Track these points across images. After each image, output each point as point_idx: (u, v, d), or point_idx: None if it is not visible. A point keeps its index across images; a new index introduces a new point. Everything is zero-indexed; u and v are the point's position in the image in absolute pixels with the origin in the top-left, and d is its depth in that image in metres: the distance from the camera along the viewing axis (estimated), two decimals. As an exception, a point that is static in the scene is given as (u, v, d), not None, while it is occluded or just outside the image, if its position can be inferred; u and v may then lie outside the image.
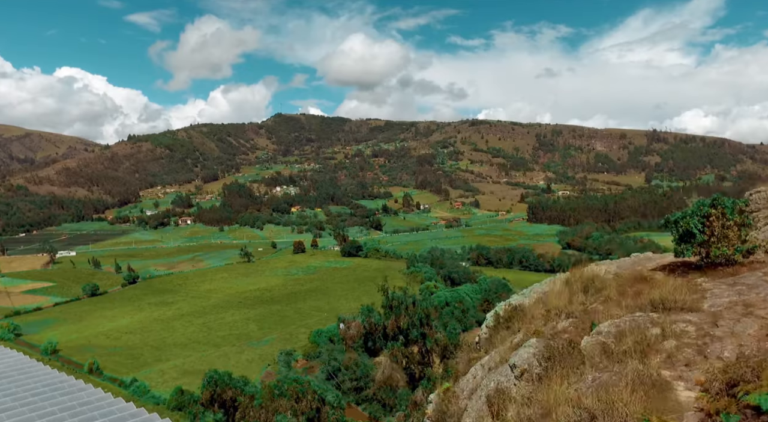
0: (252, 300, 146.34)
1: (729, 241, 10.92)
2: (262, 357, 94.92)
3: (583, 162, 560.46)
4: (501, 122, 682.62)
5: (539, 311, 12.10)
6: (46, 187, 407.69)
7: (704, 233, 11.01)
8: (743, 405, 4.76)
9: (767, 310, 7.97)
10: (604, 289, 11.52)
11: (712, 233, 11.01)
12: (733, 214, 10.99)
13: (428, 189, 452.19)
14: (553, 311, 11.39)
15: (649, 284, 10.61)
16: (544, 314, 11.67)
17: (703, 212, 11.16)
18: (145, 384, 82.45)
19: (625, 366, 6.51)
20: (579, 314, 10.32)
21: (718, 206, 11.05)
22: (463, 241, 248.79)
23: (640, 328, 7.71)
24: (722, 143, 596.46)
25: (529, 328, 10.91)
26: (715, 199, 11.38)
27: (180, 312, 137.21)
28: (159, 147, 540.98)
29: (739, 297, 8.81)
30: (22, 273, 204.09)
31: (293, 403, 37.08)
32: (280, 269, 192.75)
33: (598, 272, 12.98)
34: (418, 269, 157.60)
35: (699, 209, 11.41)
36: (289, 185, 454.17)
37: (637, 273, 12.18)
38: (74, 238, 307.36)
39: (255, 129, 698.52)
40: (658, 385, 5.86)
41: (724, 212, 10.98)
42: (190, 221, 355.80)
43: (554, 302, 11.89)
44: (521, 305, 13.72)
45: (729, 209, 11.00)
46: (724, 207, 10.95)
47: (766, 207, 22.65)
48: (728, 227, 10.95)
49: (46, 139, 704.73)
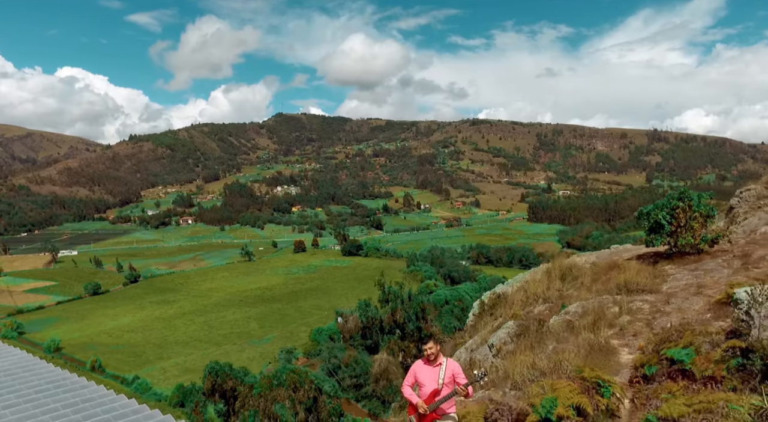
0: (253, 299, 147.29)
1: (694, 231, 11.69)
2: (263, 355, 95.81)
3: (584, 162, 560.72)
4: (502, 122, 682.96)
5: (520, 298, 12.93)
6: (48, 187, 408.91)
7: (672, 224, 11.80)
8: (662, 358, 5.68)
9: (715, 290, 8.78)
10: (580, 277, 12.35)
11: (678, 224, 11.79)
12: (699, 207, 11.77)
13: (429, 189, 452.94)
14: (532, 297, 12.22)
15: (620, 272, 11.40)
16: (524, 300, 12.49)
17: (672, 205, 11.95)
18: (147, 382, 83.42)
19: (579, 337, 7.35)
20: (554, 299, 11.13)
21: (685, 200, 11.84)
22: (464, 240, 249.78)
23: (602, 308, 8.52)
24: (723, 143, 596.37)
25: (508, 313, 11.72)
26: (682, 193, 12.16)
27: (181, 311, 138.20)
28: (160, 147, 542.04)
29: (695, 280, 9.61)
30: (24, 272, 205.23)
31: (291, 392, 37.98)
32: (281, 269, 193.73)
33: (577, 263, 13.83)
34: (418, 268, 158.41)
35: (668, 202, 12.19)
36: (290, 184, 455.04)
37: (611, 262, 12.99)
38: (76, 237, 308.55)
39: (256, 129, 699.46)
40: (605, 350, 6.75)
41: (690, 205, 11.75)
42: (191, 220, 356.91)
43: (533, 290, 12.71)
44: (505, 293, 14.55)
45: (695, 202, 11.79)
46: (690, 200, 11.74)
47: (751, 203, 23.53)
48: (693, 219, 11.72)
49: (47, 139, 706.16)
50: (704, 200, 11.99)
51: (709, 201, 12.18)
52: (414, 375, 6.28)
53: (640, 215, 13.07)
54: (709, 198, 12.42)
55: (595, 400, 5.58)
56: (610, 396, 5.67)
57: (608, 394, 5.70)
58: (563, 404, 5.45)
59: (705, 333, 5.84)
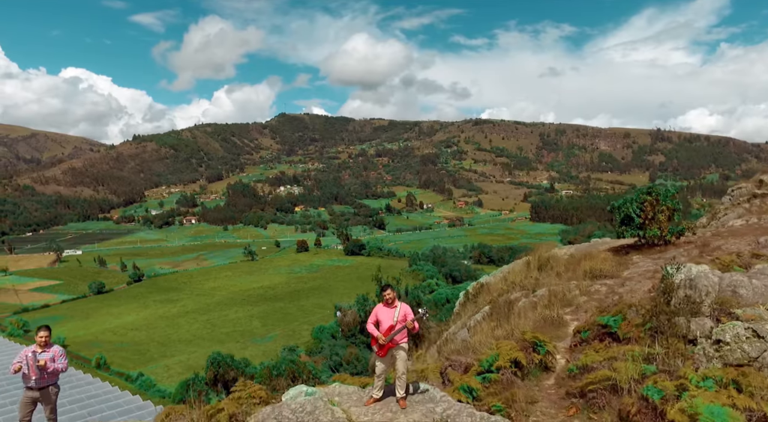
0: (255, 298, 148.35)
1: (660, 223, 12.50)
2: (265, 353, 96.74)
3: (587, 161, 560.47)
4: (504, 122, 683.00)
5: (501, 287, 13.86)
6: (53, 187, 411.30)
7: (640, 217, 12.60)
8: (596, 325, 6.61)
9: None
10: (556, 266, 13.25)
11: (646, 217, 12.60)
12: (666, 201, 12.58)
13: (431, 188, 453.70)
14: (511, 285, 13.13)
15: (590, 261, 12.27)
16: (504, 288, 13.41)
17: (641, 199, 12.75)
18: (151, 379, 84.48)
19: (537, 313, 8.26)
20: (531, 286, 12.02)
21: (653, 194, 12.64)
22: (466, 240, 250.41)
23: (563, 291, 9.42)
24: (727, 142, 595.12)
25: (487, 299, 12.61)
26: (650, 187, 12.97)
27: (185, 310, 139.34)
28: (164, 147, 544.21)
29: (654, 266, 10.46)
30: (29, 271, 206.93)
31: (290, 382, 39.05)
32: (284, 268, 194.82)
33: (556, 254, 14.75)
34: (420, 268, 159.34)
35: (638, 196, 13.00)
36: (293, 184, 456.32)
37: (586, 253, 13.86)
38: (80, 237, 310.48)
39: (259, 129, 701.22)
40: (558, 323, 7.73)
41: (658, 199, 12.56)
42: (194, 220, 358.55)
43: (512, 279, 13.61)
44: (488, 283, 15.47)
45: (662, 196, 12.60)
46: (658, 195, 12.55)
47: (734, 200, 24.37)
48: (661, 212, 12.52)
49: (51, 139, 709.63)
50: (671, 195, 12.81)
51: (676, 195, 13.01)
52: (375, 315, 7.71)
53: (612, 209, 13.88)
54: (675, 193, 13.23)
55: (531, 356, 6.71)
56: (545, 353, 6.74)
57: (543, 351, 6.79)
58: (503, 358, 6.59)
59: (635, 304, 6.73)
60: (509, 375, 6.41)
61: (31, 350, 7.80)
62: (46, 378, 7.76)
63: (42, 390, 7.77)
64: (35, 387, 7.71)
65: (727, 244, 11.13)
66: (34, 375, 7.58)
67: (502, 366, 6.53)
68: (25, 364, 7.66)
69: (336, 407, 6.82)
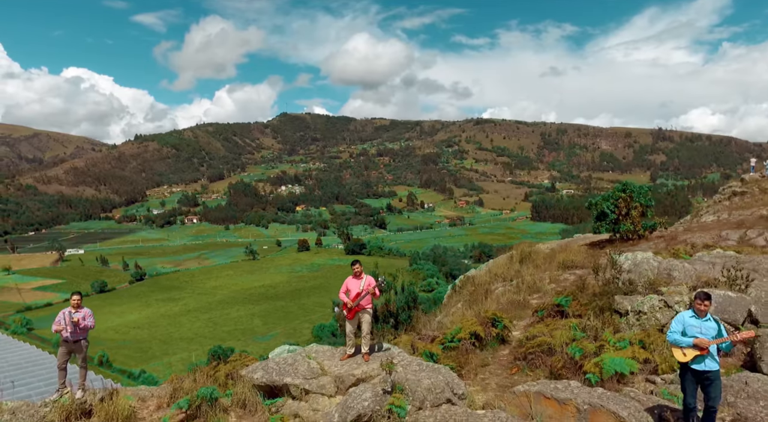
0: (257, 297, 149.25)
1: (632, 219, 13.26)
2: (266, 351, 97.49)
3: (588, 161, 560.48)
4: (506, 121, 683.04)
5: (485, 278, 14.74)
6: (55, 186, 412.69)
7: (615, 213, 13.36)
8: (551, 304, 7.46)
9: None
10: (536, 259, 14.10)
11: (620, 213, 13.36)
12: (639, 198, 13.35)
13: (432, 188, 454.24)
14: (494, 277, 14.01)
15: (565, 254, 13.09)
16: (488, 280, 14.30)
17: (615, 196, 13.53)
18: (153, 376, 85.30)
19: (505, 298, 9.10)
20: (509, 277, 12.89)
21: (627, 191, 13.41)
22: (466, 239, 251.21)
23: (536, 280, 10.27)
24: (728, 142, 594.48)
25: (471, 290, 13.48)
26: (624, 185, 13.73)
27: (186, 308, 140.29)
28: (165, 147, 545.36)
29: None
30: (32, 270, 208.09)
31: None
32: (285, 267, 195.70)
33: (539, 248, 15.64)
34: (421, 267, 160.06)
35: (613, 194, 13.78)
36: (294, 184, 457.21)
37: (564, 247, 14.69)
38: (82, 236, 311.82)
39: (260, 128, 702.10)
40: (523, 305, 8.58)
41: (631, 196, 13.33)
42: (196, 219, 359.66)
43: (495, 271, 14.47)
44: (474, 275, 16.34)
45: (635, 194, 13.37)
46: (632, 192, 13.32)
47: (717, 198, 25.14)
48: (634, 208, 13.29)
49: (53, 139, 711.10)
50: (644, 192, 13.57)
51: (648, 193, 13.78)
52: (346, 285, 9.50)
53: (590, 206, 14.66)
54: (648, 190, 14.00)
55: (490, 330, 7.63)
56: (502, 328, 7.64)
57: (500, 326, 7.71)
58: (465, 331, 7.60)
59: (586, 287, 7.57)
60: (468, 345, 7.47)
61: (68, 310, 9.28)
62: (78, 332, 9.31)
63: (75, 342, 9.35)
64: (70, 340, 9.27)
65: (693, 237, 11.90)
66: (69, 329, 9.14)
67: (463, 337, 7.60)
68: (63, 321, 9.14)
69: (312, 360, 8.79)
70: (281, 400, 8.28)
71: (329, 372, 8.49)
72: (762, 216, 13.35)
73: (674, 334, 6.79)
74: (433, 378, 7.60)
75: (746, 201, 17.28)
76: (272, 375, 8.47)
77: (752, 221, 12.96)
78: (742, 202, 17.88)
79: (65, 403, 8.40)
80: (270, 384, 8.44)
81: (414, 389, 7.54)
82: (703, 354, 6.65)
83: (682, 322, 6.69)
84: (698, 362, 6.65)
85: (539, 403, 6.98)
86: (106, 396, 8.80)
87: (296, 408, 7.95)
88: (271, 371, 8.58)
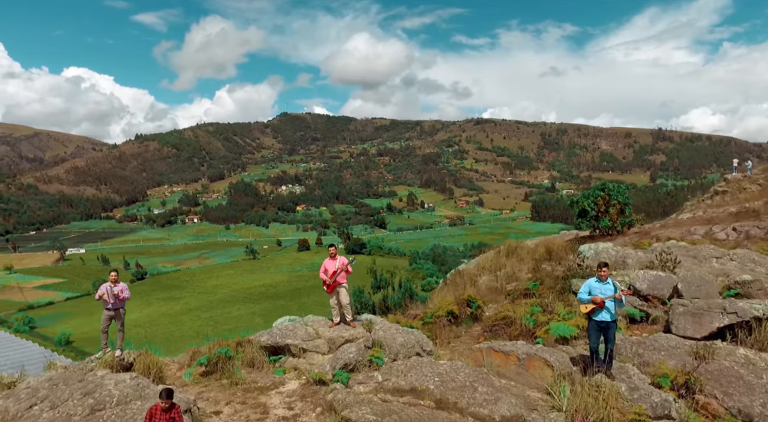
0: (257, 296, 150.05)
1: (610, 216, 14.16)
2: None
3: (588, 161, 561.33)
4: (506, 121, 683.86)
5: (473, 271, 15.73)
6: (56, 186, 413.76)
7: (595, 211, 14.26)
8: (522, 288, 8.45)
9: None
10: (521, 253, 15.06)
11: (599, 210, 14.26)
12: (617, 196, 14.26)
13: (433, 188, 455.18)
14: (481, 269, 15.00)
15: (547, 248, 14.05)
16: (476, 272, 15.29)
17: (595, 195, 14.43)
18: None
19: (485, 285, 10.06)
20: (495, 269, 13.87)
21: (606, 190, 14.31)
22: (466, 239, 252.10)
23: (515, 270, 11.26)
24: (729, 142, 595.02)
25: (459, 281, 14.52)
26: (603, 184, 14.63)
27: (187, 307, 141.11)
28: (166, 146, 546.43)
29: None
30: (33, 270, 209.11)
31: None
32: (285, 266, 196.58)
33: (525, 244, 16.65)
34: (420, 266, 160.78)
35: (593, 192, 14.69)
36: (295, 183, 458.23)
37: (549, 242, 15.64)
38: (83, 236, 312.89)
39: (261, 128, 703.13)
40: (499, 290, 9.60)
41: (610, 195, 14.23)
42: (196, 219, 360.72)
43: (483, 264, 15.43)
44: (464, 269, 17.32)
45: (614, 192, 14.28)
46: (611, 191, 14.22)
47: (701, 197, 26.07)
48: (612, 206, 14.19)
49: (54, 138, 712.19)
50: (622, 191, 14.47)
51: (626, 191, 14.68)
52: (324, 266, 11.23)
53: (572, 204, 15.56)
54: (627, 189, 14.91)
55: (465, 309, 8.68)
56: (476, 308, 8.67)
57: (474, 306, 8.75)
58: (442, 310, 8.83)
59: (552, 273, 8.55)
60: (445, 321, 8.61)
61: (108, 284, 11.31)
62: (118, 302, 11.36)
63: (116, 310, 11.42)
64: (111, 309, 11.34)
65: (666, 232, 12.82)
66: (111, 300, 11.22)
67: (440, 315, 8.81)
68: (106, 293, 11.21)
69: (308, 326, 10.87)
70: (283, 357, 10.29)
71: (323, 335, 10.46)
72: (731, 213, 14.30)
73: (582, 294, 8.79)
74: (406, 337, 9.65)
75: (725, 199, 18.15)
76: (276, 338, 10.57)
77: (721, 217, 13.89)
78: (722, 200, 18.77)
79: (108, 359, 10.23)
80: (274, 345, 10.53)
81: (390, 345, 9.68)
82: (600, 307, 8.66)
83: (589, 286, 8.71)
84: (597, 314, 8.72)
85: (490, 356, 8.97)
86: (140, 355, 10.54)
87: (295, 363, 9.92)
88: (275, 335, 10.72)
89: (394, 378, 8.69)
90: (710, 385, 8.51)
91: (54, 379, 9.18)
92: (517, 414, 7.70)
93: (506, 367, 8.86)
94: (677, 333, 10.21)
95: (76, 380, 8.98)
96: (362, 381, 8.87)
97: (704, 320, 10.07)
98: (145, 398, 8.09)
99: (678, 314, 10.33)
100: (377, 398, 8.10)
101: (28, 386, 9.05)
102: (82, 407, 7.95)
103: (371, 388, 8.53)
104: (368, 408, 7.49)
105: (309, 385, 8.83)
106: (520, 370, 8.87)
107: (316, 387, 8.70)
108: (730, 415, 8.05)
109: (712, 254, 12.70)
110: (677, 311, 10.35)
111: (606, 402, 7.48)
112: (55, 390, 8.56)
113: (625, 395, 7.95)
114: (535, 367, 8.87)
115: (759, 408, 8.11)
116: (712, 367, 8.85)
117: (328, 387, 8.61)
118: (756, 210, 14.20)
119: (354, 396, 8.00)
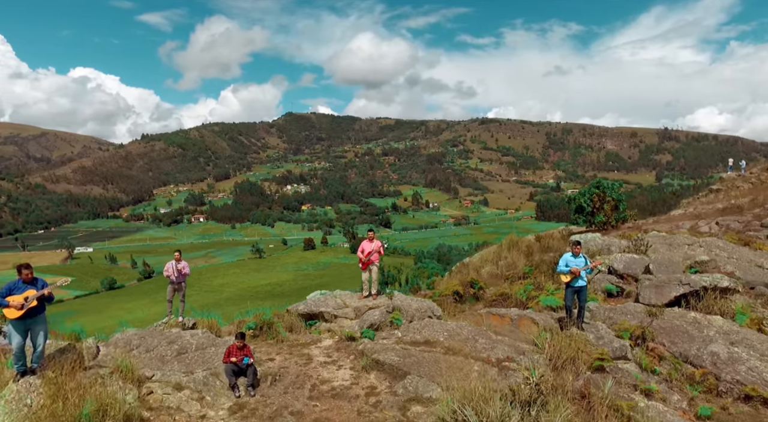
0: (263, 294, 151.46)
1: (605, 212, 15.13)
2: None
3: (594, 161, 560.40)
4: (511, 121, 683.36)
5: (477, 263, 16.86)
6: (63, 185, 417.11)
7: (590, 207, 15.22)
8: (520, 273, 9.51)
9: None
10: (522, 246, 16.13)
11: (594, 207, 15.23)
12: (611, 193, 15.24)
13: (437, 187, 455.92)
14: (485, 261, 16.12)
15: (545, 241, 15.08)
16: (479, 264, 16.41)
17: (591, 192, 15.41)
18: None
19: (487, 272, 11.16)
20: (497, 260, 14.96)
21: (600, 188, 15.28)
22: (471, 238, 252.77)
23: (515, 261, 12.38)
24: (735, 141, 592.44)
25: (464, 271, 15.68)
26: (597, 182, 15.61)
27: (194, 306, 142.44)
28: (171, 146, 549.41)
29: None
30: (42, 268, 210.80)
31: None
32: (291, 265, 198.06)
33: (526, 238, 17.79)
34: (425, 265, 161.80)
35: (589, 190, 15.68)
36: (300, 183, 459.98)
37: (547, 236, 16.69)
38: (91, 235, 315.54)
39: (266, 128, 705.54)
40: (499, 276, 10.77)
41: (605, 192, 15.20)
42: (202, 218, 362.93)
43: (486, 257, 16.49)
44: (469, 261, 18.44)
45: (608, 190, 15.26)
46: (605, 188, 15.19)
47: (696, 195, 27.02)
48: (606, 202, 15.15)
49: (61, 138, 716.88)
50: (616, 188, 15.45)
51: (620, 189, 15.65)
52: (361, 246, 13.10)
53: (569, 201, 16.54)
54: (620, 187, 15.87)
55: (468, 290, 9.87)
56: (478, 288, 9.87)
57: (477, 287, 9.95)
58: (449, 290, 10.02)
59: (547, 261, 9.69)
60: (450, 299, 9.90)
61: (172, 262, 12.97)
62: (180, 277, 13.05)
63: (178, 284, 13.11)
64: (175, 282, 13.03)
65: (657, 227, 13.83)
66: (174, 275, 12.94)
67: (447, 294, 10.16)
68: (171, 269, 12.88)
69: (337, 298, 12.93)
70: (318, 322, 12.38)
71: (350, 305, 12.53)
72: (718, 209, 15.29)
73: (560, 267, 10.94)
74: (419, 304, 12.07)
75: (718, 197, 19.08)
76: (311, 307, 12.76)
77: (709, 213, 14.88)
78: (714, 198, 19.70)
79: (173, 323, 12.46)
80: (309, 312, 12.73)
81: (407, 310, 12.03)
82: (576, 276, 10.85)
83: (565, 260, 10.83)
84: (573, 282, 10.93)
85: (489, 318, 11.10)
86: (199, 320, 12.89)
87: (328, 326, 12.03)
88: (310, 304, 12.92)
89: (411, 334, 10.79)
90: (660, 337, 11.02)
91: (140, 333, 11.26)
92: (509, 356, 9.74)
93: (502, 326, 10.91)
94: (643, 301, 12.45)
95: (158, 334, 11.12)
96: (385, 337, 10.98)
97: (665, 290, 12.35)
98: (216, 345, 10.31)
99: (644, 286, 12.60)
100: (399, 347, 10.13)
101: (121, 337, 11.06)
102: (170, 351, 10.17)
103: (393, 341, 10.57)
104: (392, 353, 9.57)
105: (342, 341, 10.79)
106: (512, 328, 10.99)
107: (348, 342, 10.69)
108: (673, 357, 10.61)
109: (684, 242, 14.85)
110: (644, 285, 12.62)
111: (577, 346, 9.61)
112: (144, 340, 10.64)
113: (593, 342, 10.30)
114: (524, 325, 10.98)
115: (695, 351, 10.66)
116: (665, 325, 11.29)
117: (358, 341, 10.64)
118: (740, 206, 15.26)
119: (380, 345, 10.08)
